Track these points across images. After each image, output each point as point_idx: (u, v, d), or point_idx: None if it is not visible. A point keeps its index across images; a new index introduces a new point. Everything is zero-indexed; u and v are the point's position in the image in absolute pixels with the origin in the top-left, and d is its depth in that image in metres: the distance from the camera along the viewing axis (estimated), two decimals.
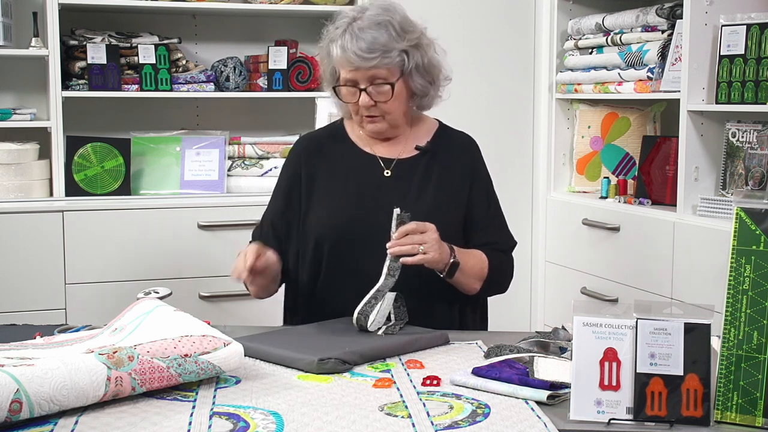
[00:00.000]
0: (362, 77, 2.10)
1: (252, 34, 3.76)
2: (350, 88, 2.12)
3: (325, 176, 2.20)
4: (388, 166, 2.20)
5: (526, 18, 3.68)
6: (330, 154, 2.23)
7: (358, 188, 2.17)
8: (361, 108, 2.14)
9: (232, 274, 2.08)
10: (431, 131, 2.27)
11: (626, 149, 3.53)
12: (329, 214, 2.16)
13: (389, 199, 2.12)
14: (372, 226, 2.09)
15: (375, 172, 2.19)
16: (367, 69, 2.09)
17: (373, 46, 2.07)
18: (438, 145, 2.24)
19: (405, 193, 2.16)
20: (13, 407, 1.36)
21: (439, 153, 2.23)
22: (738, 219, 1.46)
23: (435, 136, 2.26)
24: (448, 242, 2.07)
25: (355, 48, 2.07)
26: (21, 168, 3.22)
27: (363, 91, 2.11)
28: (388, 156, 2.21)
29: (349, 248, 2.11)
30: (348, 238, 2.12)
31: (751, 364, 1.43)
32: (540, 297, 3.70)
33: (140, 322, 1.70)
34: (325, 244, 2.14)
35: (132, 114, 3.62)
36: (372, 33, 2.08)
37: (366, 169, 2.19)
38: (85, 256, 3.12)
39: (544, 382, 1.54)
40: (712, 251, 2.70)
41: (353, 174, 2.19)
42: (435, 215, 2.10)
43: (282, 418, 1.43)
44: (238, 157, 3.55)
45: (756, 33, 2.71)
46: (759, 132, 2.80)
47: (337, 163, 2.21)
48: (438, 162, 2.21)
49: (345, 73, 2.11)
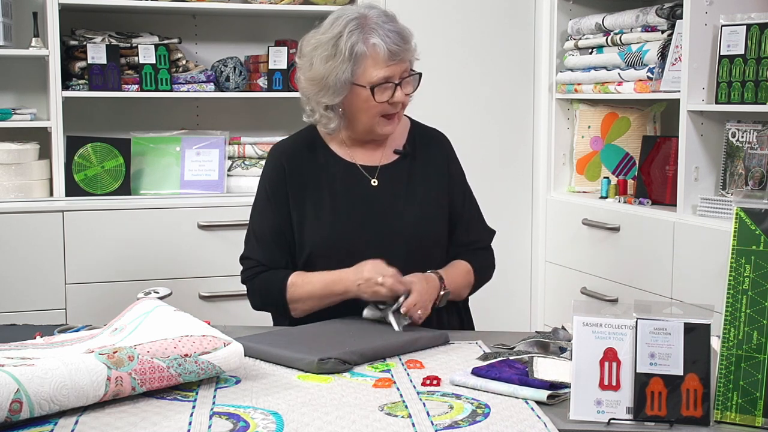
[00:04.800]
0: (398, 71, 2.06)
1: (252, 34, 3.76)
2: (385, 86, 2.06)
3: (311, 189, 2.14)
4: (373, 174, 2.17)
5: (526, 18, 3.67)
6: (311, 164, 2.17)
7: (348, 201, 2.13)
8: (389, 107, 2.09)
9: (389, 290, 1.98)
10: (405, 130, 2.25)
11: (626, 149, 3.53)
12: (321, 228, 2.11)
13: (380, 209, 2.13)
14: (364, 239, 2.09)
15: (361, 183, 2.16)
16: (404, 61, 2.07)
17: (404, 35, 2.07)
18: (414, 146, 2.23)
19: (394, 201, 2.15)
20: (13, 407, 1.36)
21: (418, 154, 2.22)
22: (738, 219, 1.46)
23: (410, 136, 2.24)
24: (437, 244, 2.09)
25: (393, 40, 2.04)
26: (21, 168, 3.22)
27: (398, 85, 2.07)
28: (369, 163, 2.18)
29: (342, 262, 2.05)
30: (341, 253, 2.08)
31: (750, 364, 1.43)
32: (540, 297, 3.70)
33: (140, 322, 1.70)
34: (318, 258, 2.11)
35: (132, 114, 3.62)
36: (395, 25, 2.07)
37: (352, 179, 2.16)
38: (85, 256, 3.12)
39: (544, 382, 1.54)
40: (712, 251, 2.70)
41: (341, 186, 2.15)
42: (425, 222, 2.12)
43: (282, 418, 1.43)
44: (238, 157, 3.55)
45: (756, 33, 2.71)
46: (759, 132, 2.80)
47: (321, 174, 2.16)
48: (418, 164, 2.21)
49: (382, 71, 2.04)
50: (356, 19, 2.05)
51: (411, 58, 2.10)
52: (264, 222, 2.17)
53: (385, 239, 2.10)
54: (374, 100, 2.06)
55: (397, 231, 2.12)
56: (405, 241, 2.11)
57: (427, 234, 2.15)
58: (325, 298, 2.07)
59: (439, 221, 2.17)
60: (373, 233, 2.10)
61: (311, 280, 2.08)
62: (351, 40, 2.03)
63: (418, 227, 2.13)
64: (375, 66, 2.04)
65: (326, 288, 2.05)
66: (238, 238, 3.27)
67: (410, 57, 2.10)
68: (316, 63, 2.07)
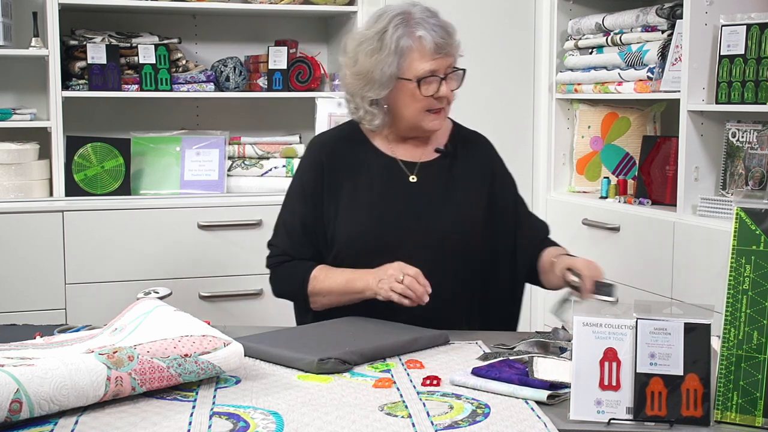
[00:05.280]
0: (443, 65, 2.08)
1: (252, 34, 3.76)
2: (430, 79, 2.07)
3: (348, 182, 2.15)
4: (412, 171, 2.17)
5: (526, 18, 3.67)
6: (351, 157, 2.17)
7: (385, 195, 2.14)
8: (434, 101, 2.10)
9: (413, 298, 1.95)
10: (447, 131, 2.25)
11: (626, 149, 3.53)
12: (355, 220, 2.11)
13: (416, 205, 2.12)
14: (397, 234, 2.09)
15: (400, 178, 2.16)
16: (449, 56, 2.08)
17: (449, 30, 2.10)
18: (456, 146, 2.23)
19: (431, 199, 2.14)
20: (13, 407, 1.36)
21: (459, 155, 2.22)
22: (738, 219, 1.46)
23: (452, 136, 2.25)
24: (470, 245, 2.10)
25: (438, 34, 2.06)
26: (21, 168, 3.22)
27: (443, 80, 2.08)
28: (410, 159, 2.18)
29: (376, 256, 2.05)
30: (376, 246, 2.08)
31: (751, 364, 1.43)
32: (540, 297, 3.70)
33: (140, 322, 1.70)
34: (352, 251, 2.10)
35: (132, 114, 3.62)
36: (439, 20, 2.10)
37: (390, 174, 2.16)
38: (85, 256, 3.12)
39: (544, 382, 1.54)
40: (712, 251, 2.69)
41: (378, 180, 2.15)
42: (459, 222, 2.11)
43: (282, 418, 1.43)
44: (238, 157, 3.55)
45: (756, 33, 2.71)
46: (759, 132, 2.80)
47: (361, 167, 2.16)
48: (458, 165, 2.20)
49: (427, 64, 2.06)
50: (401, 14, 2.08)
51: (455, 54, 2.11)
52: (294, 213, 2.18)
53: (417, 236, 2.10)
54: (420, 93, 2.07)
55: (431, 229, 2.11)
56: (437, 240, 2.10)
57: (460, 234, 2.12)
58: (344, 295, 2.07)
59: (474, 223, 2.15)
60: (407, 229, 2.10)
61: (333, 275, 2.09)
62: (397, 33, 2.06)
63: (452, 227, 2.12)
64: (421, 59, 2.06)
65: (347, 284, 2.06)
66: (238, 238, 3.29)
67: (454, 52, 2.11)
68: (362, 58, 2.09)
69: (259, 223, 3.26)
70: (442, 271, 2.05)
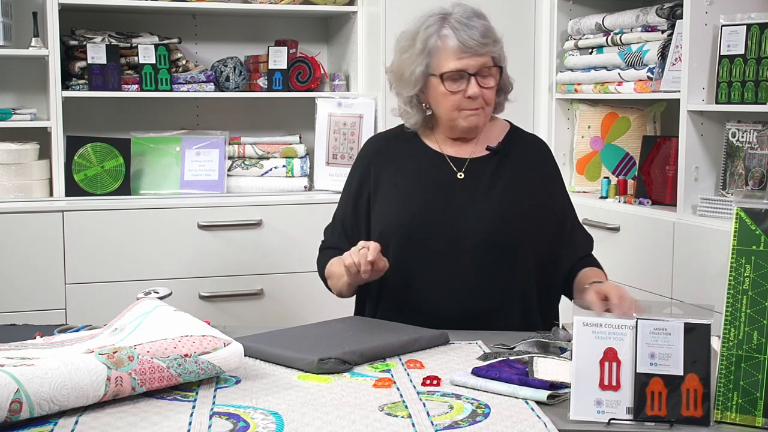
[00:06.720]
0: (474, 65, 2.08)
1: (252, 34, 3.76)
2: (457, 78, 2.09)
3: (392, 173, 2.19)
4: (460, 167, 2.18)
5: (526, 18, 3.67)
6: (398, 152, 2.22)
7: (429, 187, 2.16)
8: (463, 100, 2.10)
9: (348, 266, 2.00)
10: (503, 132, 2.25)
11: (626, 149, 3.53)
12: (397, 211, 2.15)
13: (459, 200, 2.13)
14: (437, 228, 2.10)
15: (446, 173, 2.17)
16: (480, 56, 2.08)
17: (486, 32, 2.10)
18: (509, 146, 2.22)
19: (474, 197, 2.14)
20: (13, 407, 1.36)
21: (510, 153, 2.21)
22: (738, 219, 1.46)
23: (507, 137, 2.25)
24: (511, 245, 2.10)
25: (469, 35, 2.07)
26: (21, 168, 3.22)
27: (473, 77, 2.08)
28: (459, 156, 2.19)
29: (415, 246, 2.10)
30: (415, 236, 2.11)
31: (751, 364, 1.43)
32: None
33: (140, 322, 1.70)
34: (392, 240, 2.12)
35: (132, 114, 3.62)
36: (480, 21, 2.11)
37: (437, 168, 2.18)
38: (85, 256, 3.12)
39: (544, 382, 1.54)
40: (712, 251, 2.70)
41: (424, 172, 2.18)
42: (499, 220, 2.11)
43: (282, 418, 1.43)
44: (238, 157, 3.55)
45: (756, 33, 2.71)
46: (759, 132, 2.80)
47: (406, 161, 2.20)
48: (508, 163, 2.19)
49: (454, 62, 2.07)
50: (438, 14, 2.12)
51: (492, 54, 2.11)
52: (339, 208, 2.30)
53: (458, 232, 2.10)
54: (446, 89, 2.10)
55: (471, 226, 2.11)
56: (476, 237, 2.10)
57: (499, 233, 2.11)
58: (340, 278, 2.12)
59: (517, 223, 2.13)
60: (447, 224, 2.11)
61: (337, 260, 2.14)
62: (427, 33, 2.10)
63: (492, 225, 2.11)
64: (447, 57, 2.09)
65: (338, 266, 2.12)
66: (238, 237, 3.29)
67: (489, 53, 2.11)
68: (395, 56, 2.18)
69: (259, 223, 3.26)
70: (479, 269, 2.08)
